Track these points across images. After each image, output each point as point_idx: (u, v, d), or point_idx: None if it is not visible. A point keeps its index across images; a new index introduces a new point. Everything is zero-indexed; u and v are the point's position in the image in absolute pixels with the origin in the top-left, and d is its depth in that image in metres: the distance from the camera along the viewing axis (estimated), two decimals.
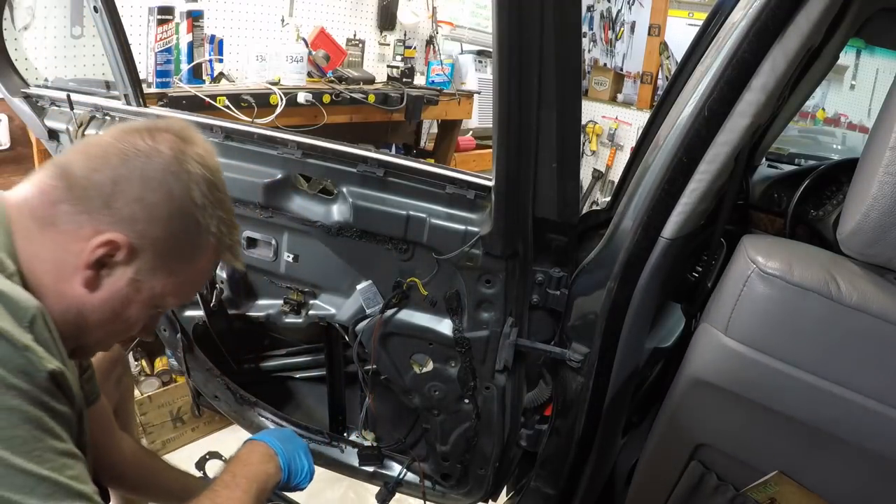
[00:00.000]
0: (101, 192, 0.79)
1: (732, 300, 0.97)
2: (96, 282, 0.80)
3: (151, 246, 0.82)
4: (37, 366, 0.66)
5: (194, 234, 0.85)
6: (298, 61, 2.59)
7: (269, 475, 1.10)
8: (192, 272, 0.89)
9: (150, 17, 2.17)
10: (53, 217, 0.78)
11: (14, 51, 1.90)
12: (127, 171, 0.80)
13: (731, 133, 0.99)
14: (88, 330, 0.83)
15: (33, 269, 0.77)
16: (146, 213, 0.80)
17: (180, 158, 0.83)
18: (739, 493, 1.13)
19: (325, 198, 1.31)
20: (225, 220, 0.89)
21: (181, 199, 0.83)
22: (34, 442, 0.64)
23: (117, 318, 0.84)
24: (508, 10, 0.86)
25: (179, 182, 0.82)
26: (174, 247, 0.84)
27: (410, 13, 3.39)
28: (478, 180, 1.16)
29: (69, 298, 0.79)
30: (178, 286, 0.88)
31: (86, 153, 0.82)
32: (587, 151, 4.77)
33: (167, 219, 0.82)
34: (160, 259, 0.83)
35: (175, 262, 0.85)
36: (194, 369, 1.72)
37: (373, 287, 1.34)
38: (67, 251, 0.78)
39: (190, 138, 0.86)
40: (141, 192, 0.80)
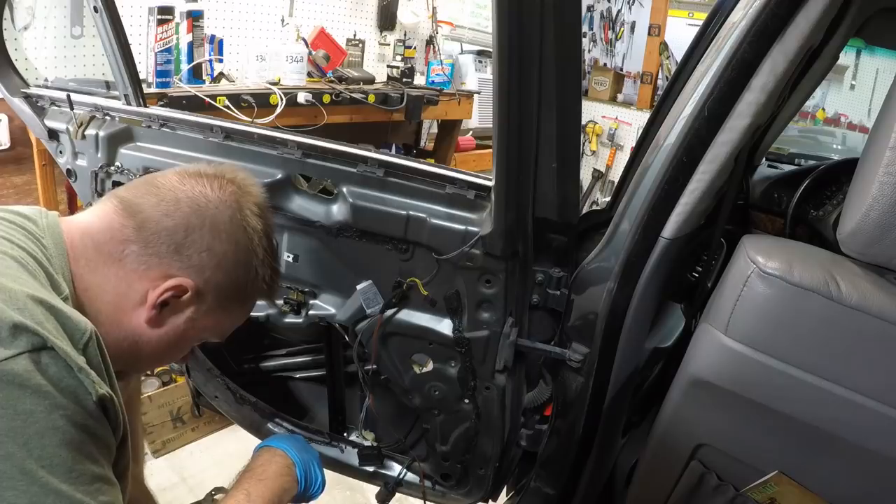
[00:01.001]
0: (173, 238, 0.83)
1: (732, 300, 0.97)
2: (158, 319, 0.84)
3: (214, 290, 0.87)
4: (87, 389, 0.66)
5: (251, 281, 0.92)
6: (298, 61, 2.59)
7: (286, 490, 1.09)
8: (242, 312, 0.97)
9: (150, 17, 2.18)
10: (121, 255, 0.82)
11: (14, 51, 1.90)
12: (198, 220, 0.85)
13: (731, 133, 0.99)
14: (140, 358, 0.87)
15: (92, 297, 0.80)
16: (214, 262, 0.86)
17: (245, 212, 0.89)
18: (739, 493, 1.13)
19: (325, 198, 1.31)
20: (275, 268, 0.97)
21: (245, 251, 0.89)
22: (73, 464, 0.64)
23: (169, 349, 0.89)
24: (508, 10, 0.86)
25: (245, 236, 0.89)
26: (233, 292, 0.90)
27: (410, 13, 3.40)
28: (478, 180, 1.16)
29: (126, 329, 0.83)
30: (226, 323, 0.96)
31: (156, 196, 0.85)
32: (587, 151, 4.77)
33: (232, 268, 0.88)
34: (218, 301, 0.89)
35: (230, 304, 0.92)
36: (194, 369, 1.72)
37: (373, 287, 1.34)
38: (131, 287, 0.82)
39: (249, 189, 0.93)
40: (211, 242, 0.85)
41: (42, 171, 2.23)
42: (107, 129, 1.52)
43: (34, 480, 0.60)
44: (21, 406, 0.61)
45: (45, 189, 2.25)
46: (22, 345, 0.62)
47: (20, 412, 0.61)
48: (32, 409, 0.61)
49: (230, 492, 1.03)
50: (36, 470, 0.60)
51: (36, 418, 0.61)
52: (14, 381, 0.61)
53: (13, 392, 0.61)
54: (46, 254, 0.77)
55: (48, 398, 0.63)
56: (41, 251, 0.77)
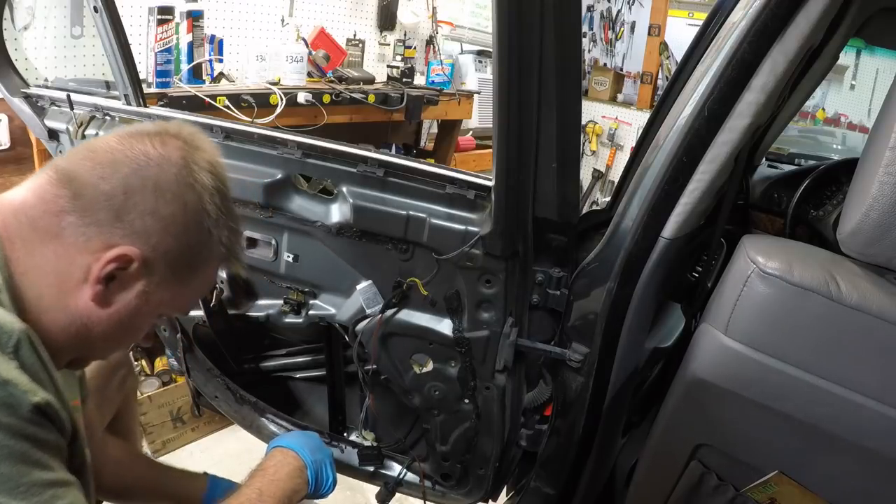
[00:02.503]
0: (112, 203, 0.75)
1: (732, 300, 0.97)
2: (104, 295, 0.77)
3: (164, 258, 0.79)
4: (20, 399, 0.63)
5: (206, 244, 0.83)
6: (298, 61, 2.59)
7: (296, 492, 1.08)
8: (201, 281, 0.88)
9: (150, 17, 2.17)
10: (58, 229, 0.74)
11: (14, 51, 1.90)
12: (139, 181, 0.76)
13: (731, 133, 0.99)
14: (92, 341, 0.80)
15: (32, 281, 0.74)
16: (160, 226, 0.78)
17: (192, 168, 0.80)
18: (739, 493, 1.13)
19: (325, 198, 1.31)
20: (233, 229, 0.87)
21: (195, 211, 0.81)
22: (19, 477, 0.61)
23: (123, 329, 0.82)
24: (508, 11, 0.86)
25: (193, 193, 0.80)
26: (186, 258, 0.82)
27: (410, 13, 3.40)
28: (478, 180, 1.16)
29: (74, 311, 0.76)
30: (185, 295, 0.87)
31: (92, 159, 0.77)
32: (587, 151, 4.77)
33: (181, 231, 0.80)
34: (171, 270, 0.81)
35: (185, 273, 0.83)
36: (194, 369, 1.72)
37: (373, 287, 1.34)
38: (73, 264, 0.75)
39: (199, 144, 0.84)
40: (154, 204, 0.77)
41: None
42: (107, 130, 1.52)
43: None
44: None
45: None
46: None
47: None
48: None
49: (241, 488, 1.02)
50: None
51: None
52: None
53: None
54: None
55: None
56: None
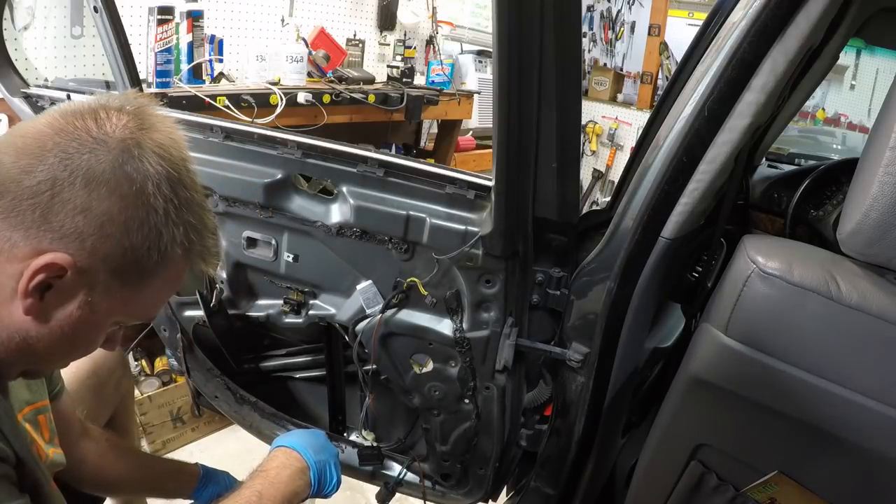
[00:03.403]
0: (37, 201, 0.63)
1: (732, 300, 0.97)
2: (40, 308, 0.67)
3: (103, 264, 0.67)
4: None
5: (156, 246, 0.69)
6: (298, 61, 2.59)
7: (297, 494, 1.05)
8: (157, 287, 0.74)
9: (150, 17, 2.17)
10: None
11: (14, 51, 1.90)
12: (67, 173, 0.64)
13: (731, 133, 0.99)
14: (38, 355, 0.71)
15: None
16: (94, 227, 0.65)
17: (133, 152, 0.66)
18: (739, 493, 1.13)
19: (325, 198, 1.31)
20: (194, 225, 0.72)
21: (136, 207, 0.67)
22: None
23: (70, 342, 0.72)
24: (508, 10, 0.86)
25: (133, 184, 0.66)
26: (132, 262, 0.69)
27: (410, 13, 3.39)
28: (478, 180, 1.16)
29: (10, 325, 0.67)
30: (141, 302, 0.74)
31: (16, 148, 0.65)
32: (587, 151, 4.77)
33: (121, 232, 0.67)
34: (116, 277, 0.69)
35: (134, 278, 0.71)
36: (194, 369, 1.72)
37: (373, 287, 1.34)
38: (2, 273, 0.65)
39: (149, 122, 0.70)
40: (86, 200, 0.64)
41: None
42: None
43: None
44: None
45: None
46: None
47: None
48: None
49: (241, 489, 1.00)
50: None
51: None
52: None
53: None
54: None
55: None
56: None
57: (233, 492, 1.01)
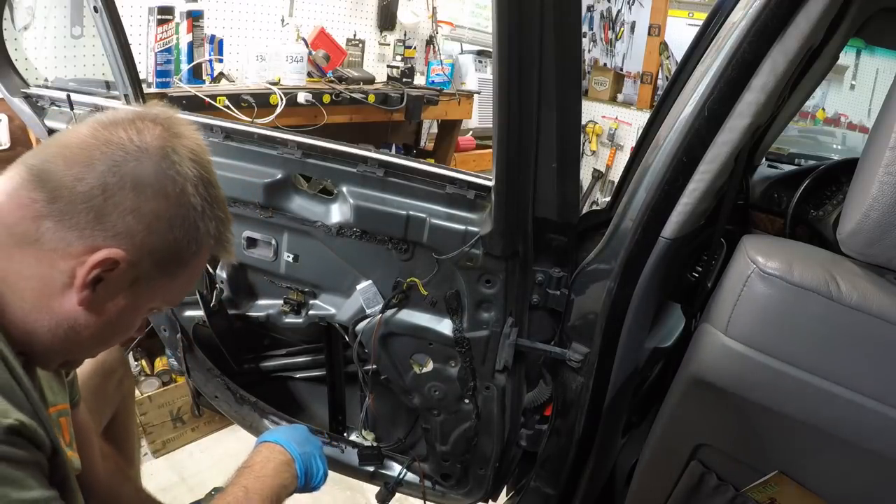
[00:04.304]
0: (91, 205, 0.72)
1: (732, 300, 0.97)
2: (93, 299, 0.75)
3: (150, 256, 0.77)
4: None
5: (193, 237, 0.80)
6: (298, 61, 2.59)
7: (285, 487, 1.06)
8: (191, 273, 0.85)
9: (150, 17, 2.17)
10: (36, 234, 0.72)
11: (14, 51, 1.90)
12: (116, 179, 0.73)
13: (731, 133, 0.99)
14: (82, 342, 0.79)
15: (12, 286, 0.73)
16: (143, 224, 0.74)
17: (172, 159, 0.76)
18: (739, 493, 1.13)
19: (325, 198, 1.31)
20: (222, 218, 0.84)
21: (179, 206, 0.77)
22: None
23: (113, 328, 0.80)
24: (508, 10, 0.86)
25: (175, 186, 0.76)
26: (173, 253, 0.79)
27: (410, 13, 3.39)
28: (478, 180, 1.16)
29: (60, 315, 0.75)
30: (176, 289, 0.85)
31: (65, 157, 0.73)
32: (587, 151, 4.77)
33: (166, 228, 0.77)
34: (158, 267, 0.79)
35: (173, 267, 0.81)
36: (194, 369, 1.72)
37: (373, 287, 1.34)
38: (54, 268, 0.73)
39: (178, 130, 0.80)
40: (136, 201, 0.74)
41: None
42: None
43: None
44: None
45: None
46: None
47: None
48: None
49: (227, 487, 1.00)
50: None
51: None
52: None
53: None
54: None
55: None
56: None
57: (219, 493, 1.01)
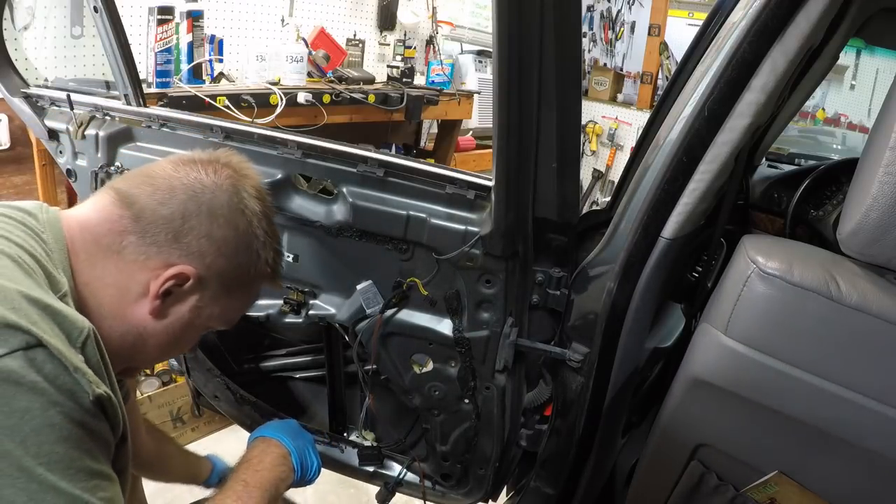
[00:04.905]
0: (170, 226, 0.82)
1: (732, 300, 0.97)
2: (162, 309, 0.84)
3: (217, 276, 0.87)
4: (84, 388, 0.66)
5: (254, 264, 0.91)
6: (298, 61, 2.59)
7: (282, 479, 1.10)
8: (247, 296, 0.97)
9: (150, 17, 2.18)
10: (120, 247, 0.81)
11: (14, 51, 1.90)
12: (195, 206, 0.84)
13: (731, 133, 0.99)
14: (146, 350, 0.86)
15: (93, 291, 0.80)
16: (214, 248, 0.85)
17: (242, 195, 0.88)
18: (739, 493, 1.13)
19: (325, 198, 1.31)
20: (278, 250, 0.96)
21: (245, 234, 0.88)
22: (70, 461, 0.64)
23: (175, 340, 0.88)
24: (508, 10, 0.86)
25: (244, 218, 0.88)
26: (236, 276, 0.89)
27: (410, 13, 3.40)
28: (478, 180, 1.16)
29: (130, 322, 0.83)
30: (233, 309, 0.95)
31: (151, 185, 0.84)
32: (587, 151, 4.77)
33: (233, 252, 0.87)
34: (222, 287, 0.88)
35: (234, 289, 0.91)
36: (194, 369, 1.72)
37: (373, 287, 1.34)
38: (132, 279, 0.82)
39: (246, 172, 0.92)
40: (209, 228, 0.84)
41: (42, 171, 2.23)
42: (107, 130, 1.52)
43: (32, 477, 0.60)
44: (16, 403, 0.61)
45: (44, 189, 2.25)
46: (16, 343, 0.62)
47: (16, 409, 0.60)
48: (28, 406, 0.61)
49: (228, 482, 1.03)
50: (34, 467, 0.60)
51: (33, 415, 0.61)
52: (9, 378, 0.60)
53: (8, 389, 0.60)
54: (46, 249, 0.77)
55: (44, 395, 0.62)
56: (41, 247, 0.76)
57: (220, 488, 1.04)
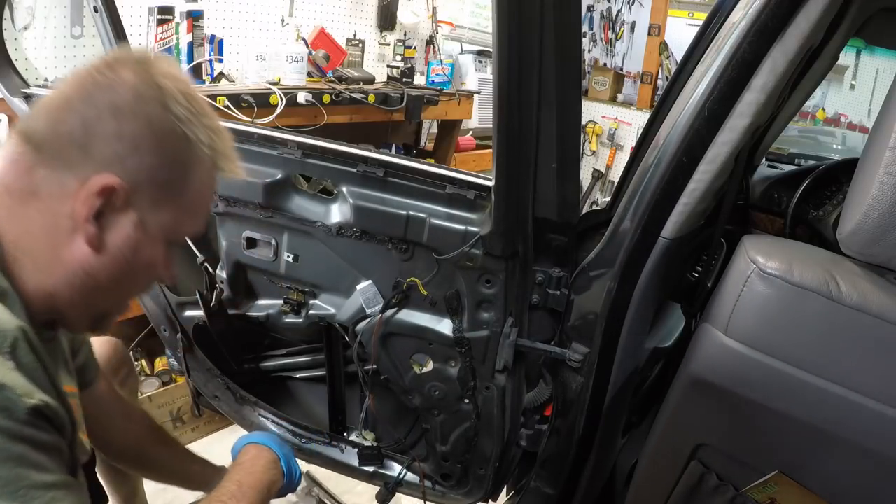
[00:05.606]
0: (74, 141, 0.72)
1: (732, 300, 0.97)
2: (99, 236, 0.73)
3: (147, 178, 0.74)
4: (16, 402, 0.61)
5: (186, 150, 0.78)
6: (298, 61, 2.59)
7: (274, 482, 1.11)
8: (196, 191, 0.82)
9: (150, 17, 2.18)
10: (33, 186, 0.72)
11: (14, 51, 1.90)
12: (94, 110, 0.72)
13: (731, 133, 0.99)
14: (102, 290, 0.77)
15: (25, 247, 0.72)
16: (129, 147, 0.73)
17: (147, 81, 0.75)
18: (739, 493, 1.13)
19: (325, 198, 1.31)
20: (213, 126, 0.81)
21: (162, 119, 0.75)
22: (18, 481, 0.60)
23: (132, 267, 0.78)
24: (508, 10, 0.86)
25: (155, 103, 0.74)
26: (170, 171, 0.77)
27: (410, 13, 3.39)
28: (478, 180, 1.16)
29: (72, 264, 0.74)
30: (187, 210, 0.82)
31: (45, 109, 0.74)
32: (587, 151, 4.77)
33: (155, 145, 0.74)
34: (159, 188, 0.76)
35: (176, 187, 0.78)
36: (194, 369, 1.72)
37: (373, 287, 1.34)
38: (58, 215, 0.72)
39: (151, 60, 0.78)
40: (117, 127, 0.72)
41: None
42: None
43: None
44: None
45: None
46: None
47: None
48: None
49: (222, 483, 1.04)
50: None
51: None
52: None
53: None
54: None
55: None
56: None
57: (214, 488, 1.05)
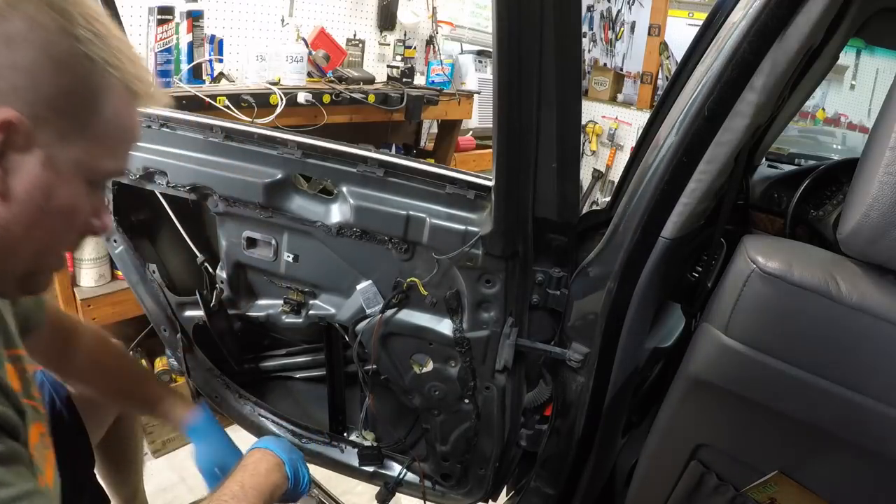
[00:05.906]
0: None
1: (732, 300, 0.97)
2: (4, 180, 0.66)
3: (50, 109, 0.67)
4: None
5: (91, 74, 0.70)
6: (298, 61, 2.59)
7: (277, 486, 1.12)
8: (109, 119, 0.73)
9: (150, 17, 2.17)
10: None
11: None
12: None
13: (731, 133, 0.99)
14: (21, 244, 0.70)
15: None
16: (25, 76, 0.65)
17: (42, 6, 0.67)
18: (739, 493, 1.13)
19: (325, 198, 1.31)
20: (119, 48, 0.72)
21: (61, 44, 0.67)
22: None
23: (49, 214, 0.70)
24: (508, 10, 0.86)
25: (53, 27, 0.67)
26: (75, 98, 0.69)
27: (410, 13, 3.39)
28: (478, 180, 1.16)
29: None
30: (102, 142, 0.73)
31: None
32: (587, 151, 4.77)
33: (54, 71, 0.67)
34: (66, 119, 0.69)
35: (84, 115, 0.71)
36: (194, 369, 1.72)
37: (373, 287, 1.34)
38: None
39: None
40: (10, 57, 0.65)
41: None
42: None
43: None
44: None
45: None
46: None
47: None
48: None
49: (225, 483, 1.06)
50: None
51: None
52: None
53: None
54: None
55: None
56: None
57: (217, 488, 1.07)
